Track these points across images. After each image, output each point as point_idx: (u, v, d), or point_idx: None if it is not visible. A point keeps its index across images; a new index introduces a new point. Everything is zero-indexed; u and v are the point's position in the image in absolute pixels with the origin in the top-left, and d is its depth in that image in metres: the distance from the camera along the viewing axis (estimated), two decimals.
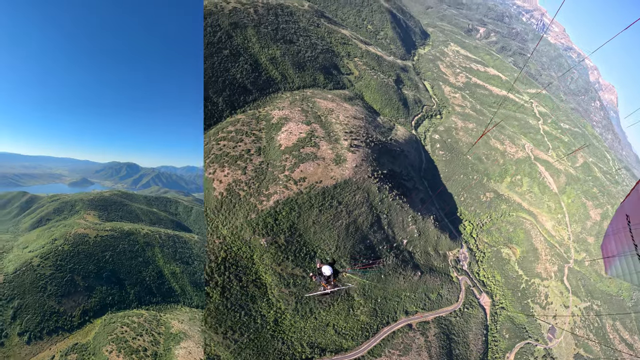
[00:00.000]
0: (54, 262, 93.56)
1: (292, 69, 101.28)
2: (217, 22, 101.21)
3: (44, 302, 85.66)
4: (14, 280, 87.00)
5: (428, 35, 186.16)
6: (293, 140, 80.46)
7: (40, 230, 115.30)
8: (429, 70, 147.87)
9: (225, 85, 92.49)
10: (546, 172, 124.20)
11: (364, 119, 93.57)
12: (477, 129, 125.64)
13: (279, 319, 70.01)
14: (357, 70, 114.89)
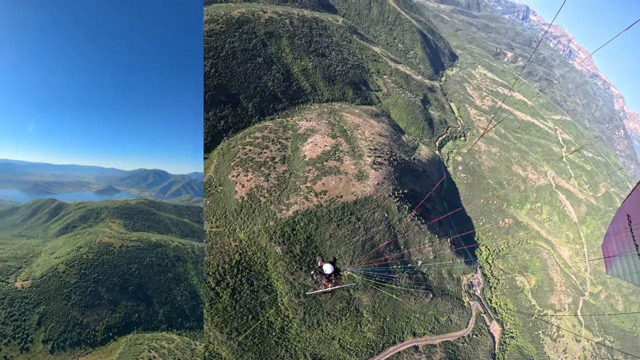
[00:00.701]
0: (78, 270, 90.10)
1: (323, 82, 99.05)
2: (253, 30, 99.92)
3: (68, 312, 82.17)
4: (41, 286, 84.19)
5: (456, 57, 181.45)
6: (317, 152, 77.95)
7: (67, 237, 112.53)
8: (456, 92, 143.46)
9: (256, 91, 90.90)
10: (567, 200, 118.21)
11: (389, 136, 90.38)
12: (500, 153, 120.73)
13: (286, 327, 67.40)
14: (386, 88, 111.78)
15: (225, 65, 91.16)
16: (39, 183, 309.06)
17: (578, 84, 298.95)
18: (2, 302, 77.72)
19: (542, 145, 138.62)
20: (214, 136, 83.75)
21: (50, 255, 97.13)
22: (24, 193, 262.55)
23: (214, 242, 68.77)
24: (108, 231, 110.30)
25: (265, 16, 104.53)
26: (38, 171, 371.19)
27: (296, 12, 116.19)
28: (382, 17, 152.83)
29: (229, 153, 79.59)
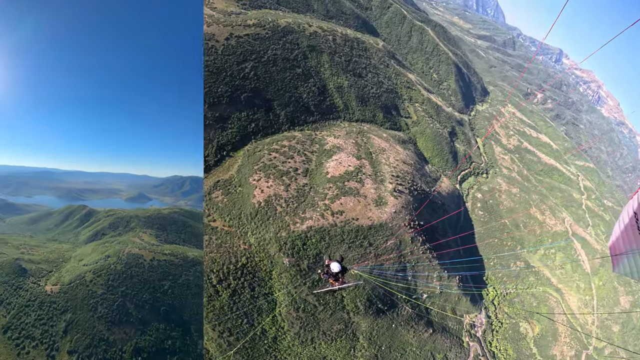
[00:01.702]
0: (105, 280, 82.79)
1: (355, 102, 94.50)
2: (296, 41, 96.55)
3: (94, 324, 74.55)
4: (68, 292, 78.60)
5: (488, 93, 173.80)
6: (340, 171, 73.32)
7: (95, 245, 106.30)
8: (484, 128, 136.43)
9: (290, 101, 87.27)
10: (582, 249, 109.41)
11: (412, 165, 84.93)
12: (520, 194, 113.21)
13: (279, 338, 62.47)
14: (416, 116, 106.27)
15: (265, 70, 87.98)
16: (72, 190, 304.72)
17: (604, 131, 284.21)
18: (33, 304, 73.90)
19: (563, 190, 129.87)
20: (243, 137, 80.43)
21: (79, 262, 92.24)
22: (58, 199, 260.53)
23: (224, 240, 64.89)
24: (138, 242, 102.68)
25: (310, 30, 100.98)
26: (72, 178, 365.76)
27: (340, 30, 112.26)
28: (420, 46, 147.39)
29: (254, 156, 76.01)
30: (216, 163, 76.72)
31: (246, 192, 70.68)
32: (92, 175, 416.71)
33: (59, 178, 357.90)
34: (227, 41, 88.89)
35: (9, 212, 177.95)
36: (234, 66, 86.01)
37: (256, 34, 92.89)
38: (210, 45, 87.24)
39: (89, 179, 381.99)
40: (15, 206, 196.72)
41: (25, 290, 76.30)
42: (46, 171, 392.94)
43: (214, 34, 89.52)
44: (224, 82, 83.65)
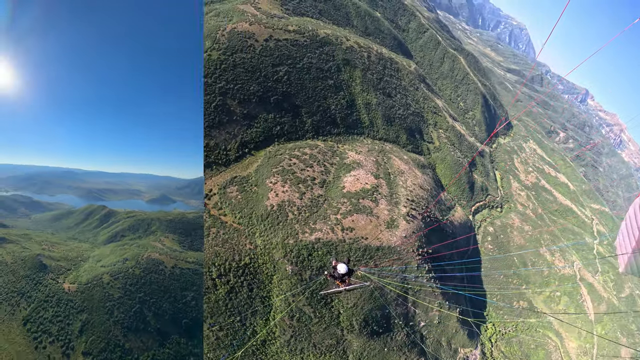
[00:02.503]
0: (123, 284, 77.29)
1: (381, 120, 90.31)
2: (332, 53, 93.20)
3: (110, 328, 69.62)
4: (85, 292, 74.80)
5: (512, 126, 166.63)
6: (357, 188, 69.36)
7: (114, 246, 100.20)
8: (503, 161, 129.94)
9: (318, 110, 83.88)
10: (588, 295, 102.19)
11: (429, 191, 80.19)
12: (532, 232, 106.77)
13: (268, 342, 58.53)
14: (438, 142, 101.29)
15: (298, 76, 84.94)
16: (93, 190, 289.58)
17: (623, 176, 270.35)
18: (51, 300, 71.68)
19: (576, 233, 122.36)
20: (267, 138, 77.53)
21: (97, 263, 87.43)
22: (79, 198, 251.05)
23: (231, 236, 61.81)
24: (159, 246, 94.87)
25: (348, 44, 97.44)
26: (92, 179, 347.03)
27: (376, 48, 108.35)
28: (451, 73, 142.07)
29: (274, 159, 72.89)
30: (236, 159, 73.96)
31: (261, 193, 67.61)
32: (113, 176, 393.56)
33: (81, 178, 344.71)
34: (266, 42, 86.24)
35: (34, 209, 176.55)
36: (269, 68, 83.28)
37: (295, 40, 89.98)
38: (250, 43, 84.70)
39: (110, 179, 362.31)
40: (40, 204, 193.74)
41: (44, 286, 74.55)
42: (69, 171, 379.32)
43: (255, 33, 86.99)
44: (257, 81, 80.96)
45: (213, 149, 72.96)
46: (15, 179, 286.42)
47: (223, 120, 75.89)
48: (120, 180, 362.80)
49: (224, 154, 73.47)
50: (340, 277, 24.48)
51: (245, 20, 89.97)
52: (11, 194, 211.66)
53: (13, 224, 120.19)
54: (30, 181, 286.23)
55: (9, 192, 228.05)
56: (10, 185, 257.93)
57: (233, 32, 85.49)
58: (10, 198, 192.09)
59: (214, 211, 65.42)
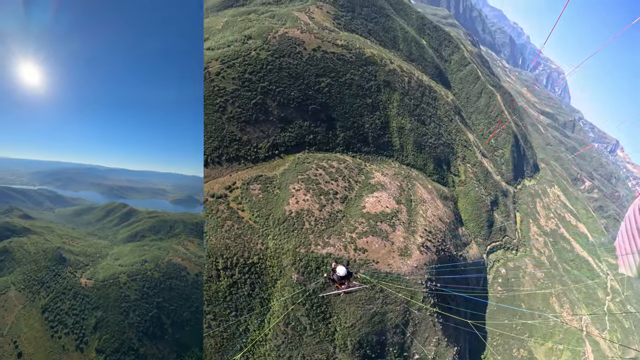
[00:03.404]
0: (140, 286, 71.69)
1: (412, 146, 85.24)
2: (375, 72, 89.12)
3: (124, 329, 64.53)
4: (101, 289, 70.54)
5: (538, 169, 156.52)
6: (377, 210, 64.88)
7: (133, 246, 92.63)
8: (525, 204, 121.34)
9: (352, 126, 79.93)
10: (591, 353, 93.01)
11: (447, 224, 74.60)
12: (543, 280, 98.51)
13: (258, 343, 55.12)
14: (464, 176, 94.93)
15: (339, 90, 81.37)
16: (115, 187, 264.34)
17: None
18: (68, 292, 69.21)
19: (589, 286, 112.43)
20: (298, 144, 74.33)
21: (115, 261, 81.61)
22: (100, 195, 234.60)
23: (244, 232, 58.63)
24: (182, 250, 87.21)
25: (391, 66, 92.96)
26: (115, 176, 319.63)
27: (417, 74, 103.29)
28: (486, 108, 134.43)
29: (302, 166, 69.52)
30: (265, 158, 71.06)
31: (282, 196, 64.38)
32: (136, 174, 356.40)
33: (103, 175, 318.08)
34: (314, 52, 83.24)
35: (58, 203, 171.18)
36: (312, 77, 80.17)
37: (341, 54, 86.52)
38: (298, 50, 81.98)
39: (133, 177, 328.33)
40: (63, 198, 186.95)
41: (62, 278, 72.45)
42: (91, 168, 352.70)
43: (305, 41, 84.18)
44: (298, 87, 78.02)
45: (244, 144, 70.28)
46: (41, 174, 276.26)
47: (259, 118, 73.28)
48: (143, 179, 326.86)
49: (254, 151, 70.73)
50: (339, 280, 22.68)
51: (297, 27, 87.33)
52: (38, 188, 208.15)
53: (38, 216, 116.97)
54: (55, 176, 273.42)
55: (35, 186, 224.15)
56: (37, 180, 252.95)
57: (284, 37, 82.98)
58: (37, 192, 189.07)
59: (233, 204, 62.47)
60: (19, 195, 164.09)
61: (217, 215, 59.31)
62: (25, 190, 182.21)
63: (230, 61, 75.70)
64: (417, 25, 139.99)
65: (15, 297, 66.82)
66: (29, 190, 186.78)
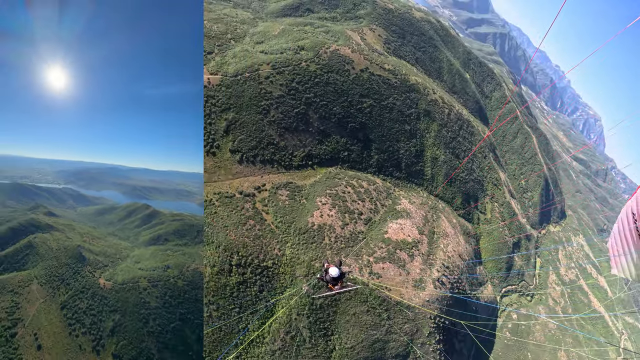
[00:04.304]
0: (162, 293, 63.59)
1: (443, 178, 78.95)
2: (417, 100, 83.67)
3: (143, 338, 57.44)
4: (120, 292, 63.86)
5: (565, 216, 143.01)
6: (398, 237, 59.80)
7: (155, 249, 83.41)
8: (548, 250, 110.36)
9: (387, 150, 75.02)
10: None
11: (466, 262, 67.97)
12: (554, 332, 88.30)
13: (254, 343, 50.59)
14: (490, 214, 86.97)
15: (379, 113, 76.86)
16: (137, 187, 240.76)
17: None
18: (87, 292, 64.45)
19: (600, 344, 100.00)
20: (332, 158, 70.48)
21: (135, 264, 73.97)
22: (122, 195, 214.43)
23: (264, 235, 55.37)
24: None
25: (433, 96, 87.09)
26: (137, 176, 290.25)
27: (457, 107, 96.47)
28: (521, 149, 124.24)
29: (332, 180, 65.70)
30: (298, 167, 67.81)
31: (308, 207, 60.86)
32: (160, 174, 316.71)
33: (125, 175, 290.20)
34: (361, 72, 79.30)
35: (80, 202, 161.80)
36: (356, 96, 76.23)
37: (387, 78, 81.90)
38: (346, 68, 78.34)
39: (156, 177, 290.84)
40: (86, 198, 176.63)
41: (82, 277, 67.64)
42: (113, 167, 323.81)
43: (354, 60, 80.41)
44: (341, 104, 74.35)
45: (281, 149, 67.41)
46: (65, 174, 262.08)
47: (299, 127, 70.27)
48: (167, 179, 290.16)
49: (288, 157, 67.72)
50: (332, 281, 20.80)
51: (349, 46, 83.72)
52: (62, 187, 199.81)
53: (61, 214, 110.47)
54: (79, 176, 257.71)
55: (60, 184, 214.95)
56: (61, 179, 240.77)
57: (335, 53, 79.62)
58: (61, 190, 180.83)
59: (259, 205, 59.53)
60: (44, 193, 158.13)
61: (242, 213, 56.57)
62: (51, 189, 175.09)
63: (281, 68, 73.36)
64: (463, 59, 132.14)
65: (37, 290, 63.95)
66: (54, 189, 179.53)
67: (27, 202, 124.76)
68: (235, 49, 77.11)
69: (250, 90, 68.94)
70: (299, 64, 74.97)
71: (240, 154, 63.97)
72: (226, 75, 69.22)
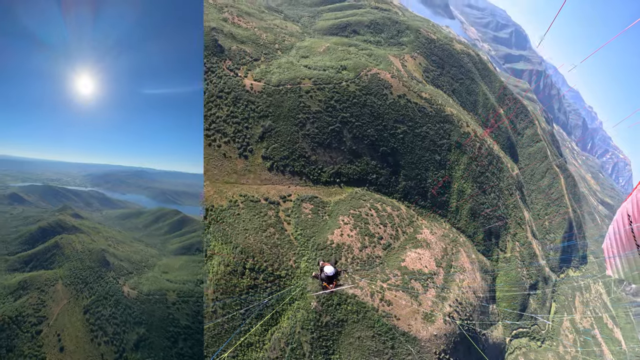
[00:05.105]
0: (193, 311, 54.20)
1: (467, 212, 72.43)
2: (450, 132, 78.08)
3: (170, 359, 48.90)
4: (145, 304, 56.40)
5: (586, 262, 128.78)
6: (415, 267, 54.97)
7: (186, 260, 74.36)
8: (564, 295, 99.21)
9: (415, 177, 70.14)
10: None
11: (480, 299, 61.53)
12: None
13: (253, 347, 45.99)
14: (510, 253, 78.95)
15: (412, 140, 72.27)
16: (167, 191, 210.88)
17: None
18: (110, 299, 58.22)
19: None
20: (360, 179, 66.73)
21: (163, 275, 66.86)
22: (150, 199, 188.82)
23: (282, 245, 52.38)
24: None
25: (466, 129, 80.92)
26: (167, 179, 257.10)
27: (489, 141, 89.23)
28: (547, 189, 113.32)
29: (357, 201, 61.98)
30: (326, 183, 64.64)
31: (329, 224, 57.52)
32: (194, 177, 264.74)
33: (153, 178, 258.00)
34: (398, 98, 75.19)
35: (106, 205, 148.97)
36: (391, 121, 72.19)
37: (423, 107, 77.11)
38: (384, 92, 74.56)
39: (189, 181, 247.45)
40: (111, 200, 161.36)
41: (105, 282, 61.87)
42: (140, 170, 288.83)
43: (392, 85, 76.44)
44: (375, 127, 70.62)
45: (311, 163, 64.67)
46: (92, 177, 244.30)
47: (332, 144, 67.32)
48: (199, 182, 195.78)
49: (317, 172, 64.79)
50: (327, 279, 19.54)
51: (389, 71, 79.83)
52: (89, 189, 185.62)
53: (87, 216, 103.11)
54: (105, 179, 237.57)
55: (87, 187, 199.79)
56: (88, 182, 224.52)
57: (375, 76, 76.08)
58: (88, 193, 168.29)
59: (281, 214, 56.75)
60: (72, 195, 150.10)
61: (264, 219, 54.06)
62: (78, 191, 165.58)
63: (322, 85, 70.88)
64: (499, 94, 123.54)
65: (62, 290, 59.63)
66: (81, 191, 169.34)
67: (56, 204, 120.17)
68: (280, 60, 75.82)
69: (290, 102, 67.04)
70: (340, 83, 72.22)
71: (271, 161, 62.04)
72: (269, 84, 67.86)
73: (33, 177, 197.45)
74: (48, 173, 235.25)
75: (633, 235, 9.10)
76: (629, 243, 9.38)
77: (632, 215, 9.00)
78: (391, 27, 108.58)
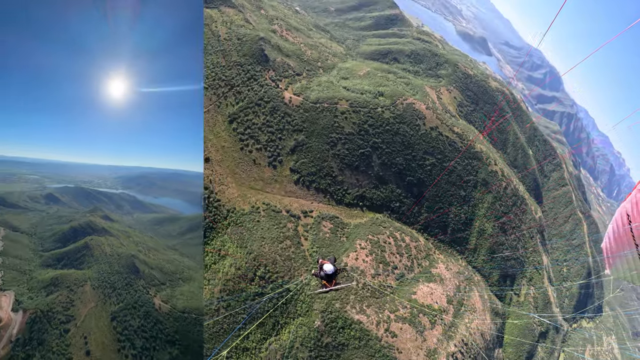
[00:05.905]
0: None
1: (485, 251, 65.97)
2: (477, 168, 72.24)
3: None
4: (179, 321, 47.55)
5: (601, 313, 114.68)
6: (425, 301, 50.47)
7: None
8: (574, 346, 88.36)
9: (438, 210, 65.35)
10: None
11: (487, 342, 55.46)
12: None
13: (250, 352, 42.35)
14: (524, 298, 71.16)
15: (439, 173, 67.34)
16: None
17: None
18: (139, 310, 50.44)
19: None
20: (382, 205, 62.81)
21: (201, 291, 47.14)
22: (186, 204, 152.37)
23: (296, 259, 49.66)
24: None
25: (494, 167, 74.56)
26: None
27: (515, 182, 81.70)
28: (569, 235, 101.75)
29: (376, 227, 58.25)
30: (348, 204, 61.56)
31: (346, 246, 54.45)
32: None
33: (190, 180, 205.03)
34: (430, 129, 70.81)
35: (137, 208, 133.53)
36: (421, 152, 67.95)
37: (453, 141, 72.06)
38: (417, 123, 70.49)
39: None
40: (143, 204, 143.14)
41: (134, 290, 54.31)
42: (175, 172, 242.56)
43: (426, 117, 72.17)
44: (405, 156, 66.74)
45: (337, 183, 61.99)
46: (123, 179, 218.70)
47: (360, 167, 64.41)
48: None
49: (342, 192, 61.95)
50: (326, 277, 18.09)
51: (424, 102, 75.56)
52: (120, 192, 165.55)
53: (118, 219, 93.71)
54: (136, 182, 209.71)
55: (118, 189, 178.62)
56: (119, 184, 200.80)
57: (410, 106, 72.20)
58: (119, 195, 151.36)
59: (300, 229, 53.97)
60: (103, 197, 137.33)
61: (282, 231, 51.72)
62: (109, 193, 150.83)
63: (358, 108, 68.19)
64: (529, 134, 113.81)
65: (90, 292, 54.39)
66: (112, 194, 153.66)
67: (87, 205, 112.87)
68: (321, 78, 74.00)
69: (325, 120, 64.98)
70: (375, 108, 69.16)
71: (298, 175, 60.12)
72: (307, 100, 66.22)
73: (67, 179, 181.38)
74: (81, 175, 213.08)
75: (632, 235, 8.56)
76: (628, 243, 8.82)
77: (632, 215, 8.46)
78: (430, 59, 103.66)
